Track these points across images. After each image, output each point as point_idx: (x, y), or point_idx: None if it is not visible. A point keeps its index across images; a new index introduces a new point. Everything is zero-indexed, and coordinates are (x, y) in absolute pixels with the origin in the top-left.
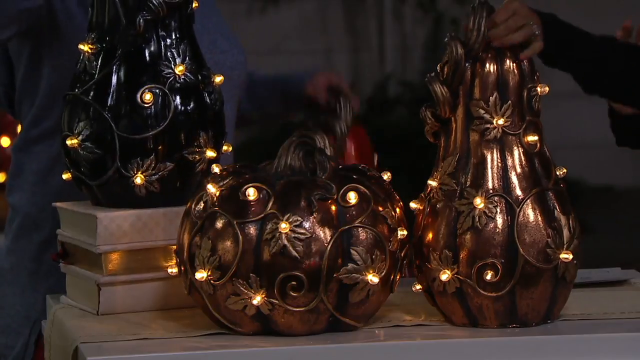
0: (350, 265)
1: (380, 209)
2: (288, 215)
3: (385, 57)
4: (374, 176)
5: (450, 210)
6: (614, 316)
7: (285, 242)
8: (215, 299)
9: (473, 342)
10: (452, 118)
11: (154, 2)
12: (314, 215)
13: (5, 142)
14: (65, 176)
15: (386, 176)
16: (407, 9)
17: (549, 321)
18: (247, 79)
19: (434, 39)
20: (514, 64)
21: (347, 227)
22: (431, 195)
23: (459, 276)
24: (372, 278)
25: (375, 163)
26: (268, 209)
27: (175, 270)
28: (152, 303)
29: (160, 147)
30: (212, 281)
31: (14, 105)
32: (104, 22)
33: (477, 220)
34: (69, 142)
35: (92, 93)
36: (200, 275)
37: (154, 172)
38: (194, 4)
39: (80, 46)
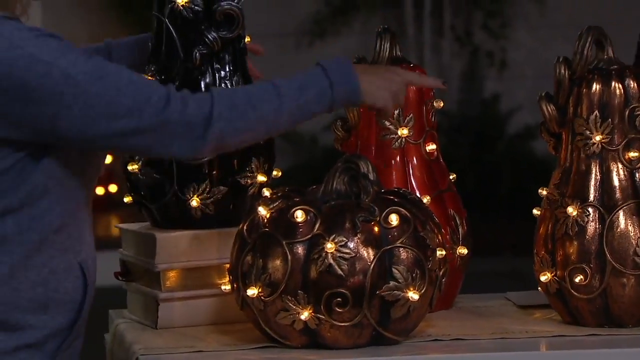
0: (392, 283)
1: (420, 230)
2: (334, 236)
3: None
4: (414, 199)
5: (552, 218)
6: None
7: (331, 261)
8: (265, 314)
9: (505, 356)
10: (563, 133)
11: (210, 37)
12: (358, 236)
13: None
14: (126, 199)
15: (426, 199)
16: (445, 42)
17: None
18: None
19: (470, 70)
20: (619, 85)
21: (389, 247)
22: (543, 203)
23: (556, 278)
24: (413, 295)
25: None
26: (315, 230)
27: (228, 287)
28: (207, 318)
29: (214, 172)
30: (262, 297)
31: None
32: (162, 56)
33: (569, 227)
34: (129, 167)
35: None
36: (252, 292)
37: (209, 195)
38: (247, 39)
39: None
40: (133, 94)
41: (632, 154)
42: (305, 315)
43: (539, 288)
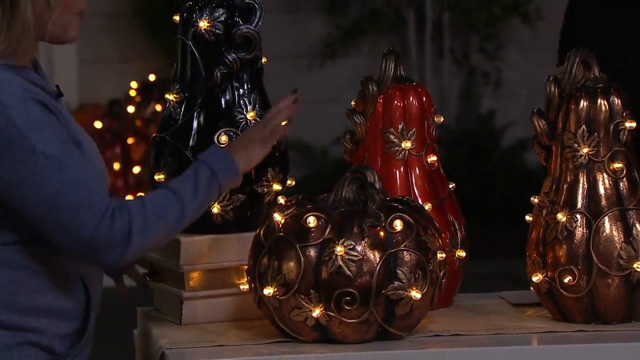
0: (396, 283)
1: (422, 234)
2: (343, 240)
3: None
4: (417, 206)
5: (543, 224)
6: None
7: (341, 263)
8: (280, 311)
9: (499, 350)
10: (553, 146)
11: (229, 58)
12: (365, 240)
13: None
14: None
15: (427, 207)
16: (444, 63)
17: (632, 321)
18: None
19: (468, 89)
20: (604, 102)
21: (393, 250)
22: (534, 210)
23: (547, 278)
24: (415, 294)
25: (451, 189)
26: (326, 234)
27: (246, 286)
28: (227, 315)
29: None
30: (278, 296)
31: None
32: (186, 75)
33: (559, 232)
34: (156, 177)
35: (176, 135)
36: (268, 291)
37: (228, 202)
38: (263, 60)
39: (167, 95)
40: (78, 195)
41: (617, 165)
42: (316, 312)
43: (531, 288)
